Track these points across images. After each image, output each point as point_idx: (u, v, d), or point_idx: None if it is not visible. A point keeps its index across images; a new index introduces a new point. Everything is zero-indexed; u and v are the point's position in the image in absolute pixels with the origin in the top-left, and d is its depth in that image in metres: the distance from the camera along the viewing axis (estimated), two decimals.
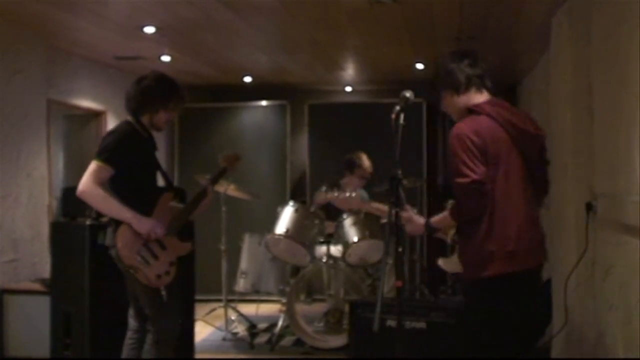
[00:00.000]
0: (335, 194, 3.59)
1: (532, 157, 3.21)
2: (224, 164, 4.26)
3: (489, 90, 3.31)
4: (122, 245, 3.60)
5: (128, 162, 3.66)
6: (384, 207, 3.48)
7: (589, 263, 3.94)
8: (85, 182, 3.58)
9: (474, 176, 2.99)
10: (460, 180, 3.02)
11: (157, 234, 3.64)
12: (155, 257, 3.66)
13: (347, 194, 3.56)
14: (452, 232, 3.32)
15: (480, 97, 3.27)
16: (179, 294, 3.82)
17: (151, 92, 3.76)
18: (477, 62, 3.32)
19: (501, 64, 6.97)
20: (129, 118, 3.80)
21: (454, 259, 3.32)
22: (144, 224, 3.61)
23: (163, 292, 3.70)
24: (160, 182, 4.01)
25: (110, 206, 3.60)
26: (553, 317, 4.68)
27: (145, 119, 3.78)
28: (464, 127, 3.10)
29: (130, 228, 3.60)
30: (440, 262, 3.55)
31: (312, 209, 5.32)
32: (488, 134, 3.09)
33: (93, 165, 3.60)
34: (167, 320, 3.74)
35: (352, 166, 6.21)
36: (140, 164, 3.75)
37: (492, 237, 3.07)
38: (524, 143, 3.15)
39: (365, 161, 6.22)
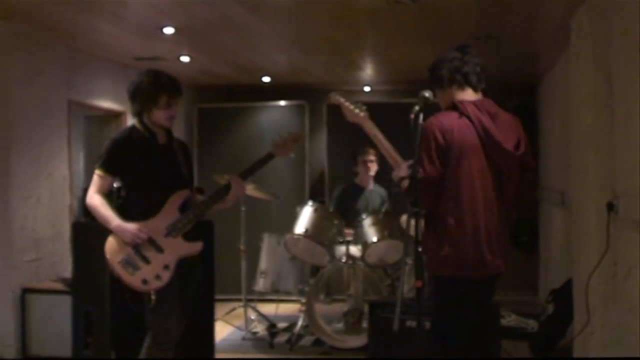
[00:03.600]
0: (347, 103, 3.56)
1: (507, 169, 3.20)
2: (271, 150, 4.01)
3: (474, 88, 3.29)
4: (108, 252, 3.62)
5: (127, 165, 3.70)
6: (384, 140, 3.47)
7: (610, 263, 3.91)
8: (88, 193, 3.71)
9: (422, 172, 3.02)
10: (420, 170, 3.02)
11: (141, 239, 3.60)
12: (147, 261, 3.62)
13: (355, 107, 3.53)
14: None
15: (463, 94, 3.27)
16: (177, 296, 3.70)
17: (139, 91, 3.73)
18: (464, 58, 3.30)
19: (521, 63, 6.93)
20: (135, 119, 3.82)
21: None
22: (126, 234, 3.59)
23: (153, 297, 3.63)
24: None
25: (99, 216, 3.66)
26: (574, 317, 4.65)
27: (145, 119, 3.76)
28: (433, 122, 3.12)
29: (117, 235, 3.63)
30: None
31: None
32: (458, 135, 3.10)
33: (94, 174, 3.71)
34: (161, 324, 3.67)
35: (355, 155, 6.30)
36: (142, 165, 3.72)
37: (447, 238, 3.11)
38: (497, 155, 3.16)
39: (369, 149, 6.24)
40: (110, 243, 3.64)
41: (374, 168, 6.31)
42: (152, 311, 3.67)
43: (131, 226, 3.61)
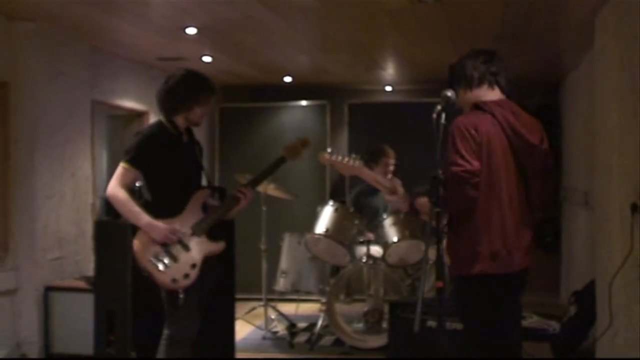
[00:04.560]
0: (339, 157, 3.59)
1: (531, 166, 3.21)
2: (283, 153, 4.08)
3: (502, 88, 3.31)
4: (137, 248, 3.61)
5: (155, 162, 3.67)
6: (381, 179, 3.58)
7: (634, 264, 3.86)
8: (111, 185, 3.64)
9: (469, 166, 3.02)
10: (455, 168, 3.02)
11: (172, 240, 3.61)
12: (175, 259, 3.62)
13: (348, 160, 3.57)
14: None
15: (492, 94, 3.28)
16: (198, 294, 3.71)
17: (182, 91, 3.73)
18: (492, 59, 3.34)
19: (544, 62, 6.88)
20: (161, 117, 3.80)
21: None
22: (157, 232, 3.59)
23: (181, 295, 3.62)
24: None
25: (127, 211, 3.63)
26: (597, 319, 4.61)
27: (179, 118, 3.76)
28: (464, 120, 3.13)
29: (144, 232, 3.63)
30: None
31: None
32: (486, 133, 3.11)
33: (119, 168, 3.65)
34: (183, 322, 3.68)
35: (376, 155, 6.19)
36: (170, 163, 3.72)
37: (478, 236, 3.10)
38: (522, 151, 3.17)
39: (390, 150, 6.20)
40: (139, 240, 3.62)
41: (393, 170, 6.25)
42: (174, 309, 3.67)
43: (162, 225, 3.61)
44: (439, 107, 3.01)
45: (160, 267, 3.58)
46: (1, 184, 5.11)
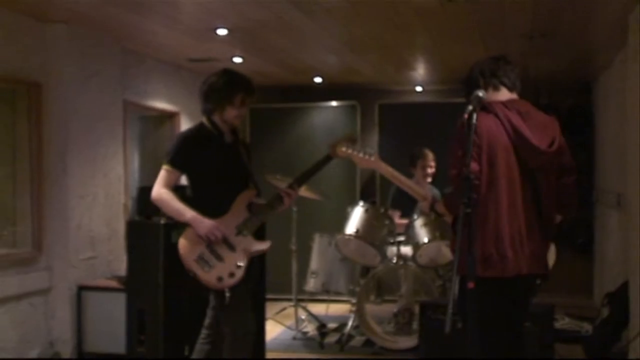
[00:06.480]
0: (355, 152, 3.60)
1: (539, 167, 3.14)
2: (329, 151, 3.94)
3: (509, 88, 3.27)
4: (183, 249, 3.64)
5: (195, 162, 3.71)
6: (401, 176, 3.57)
7: None
8: (154, 188, 3.71)
9: (459, 170, 2.98)
10: (451, 171, 3.04)
11: (216, 236, 3.62)
12: (220, 258, 3.64)
13: (365, 155, 3.57)
14: None
15: (498, 95, 3.25)
16: (248, 291, 3.75)
17: (215, 89, 3.77)
18: (499, 63, 3.33)
19: (576, 61, 6.81)
20: (203, 118, 3.84)
21: None
22: (202, 226, 3.62)
23: (227, 294, 3.63)
24: None
25: (171, 209, 3.68)
26: (630, 321, 4.55)
27: (216, 117, 3.80)
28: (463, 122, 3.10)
29: (189, 234, 3.65)
30: None
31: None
32: (487, 134, 3.06)
33: (161, 170, 3.72)
34: (236, 319, 3.70)
35: (414, 158, 6.23)
36: (210, 163, 3.75)
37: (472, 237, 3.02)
38: (526, 153, 3.10)
39: (428, 153, 6.21)
40: (183, 242, 3.66)
41: (432, 172, 6.24)
42: (225, 308, 3.69)
43: (207, 220, 3.64)
44: (470, 108, 2.99)
45: (206, 268, 3.61)
46: (35, 184, 5.17)
